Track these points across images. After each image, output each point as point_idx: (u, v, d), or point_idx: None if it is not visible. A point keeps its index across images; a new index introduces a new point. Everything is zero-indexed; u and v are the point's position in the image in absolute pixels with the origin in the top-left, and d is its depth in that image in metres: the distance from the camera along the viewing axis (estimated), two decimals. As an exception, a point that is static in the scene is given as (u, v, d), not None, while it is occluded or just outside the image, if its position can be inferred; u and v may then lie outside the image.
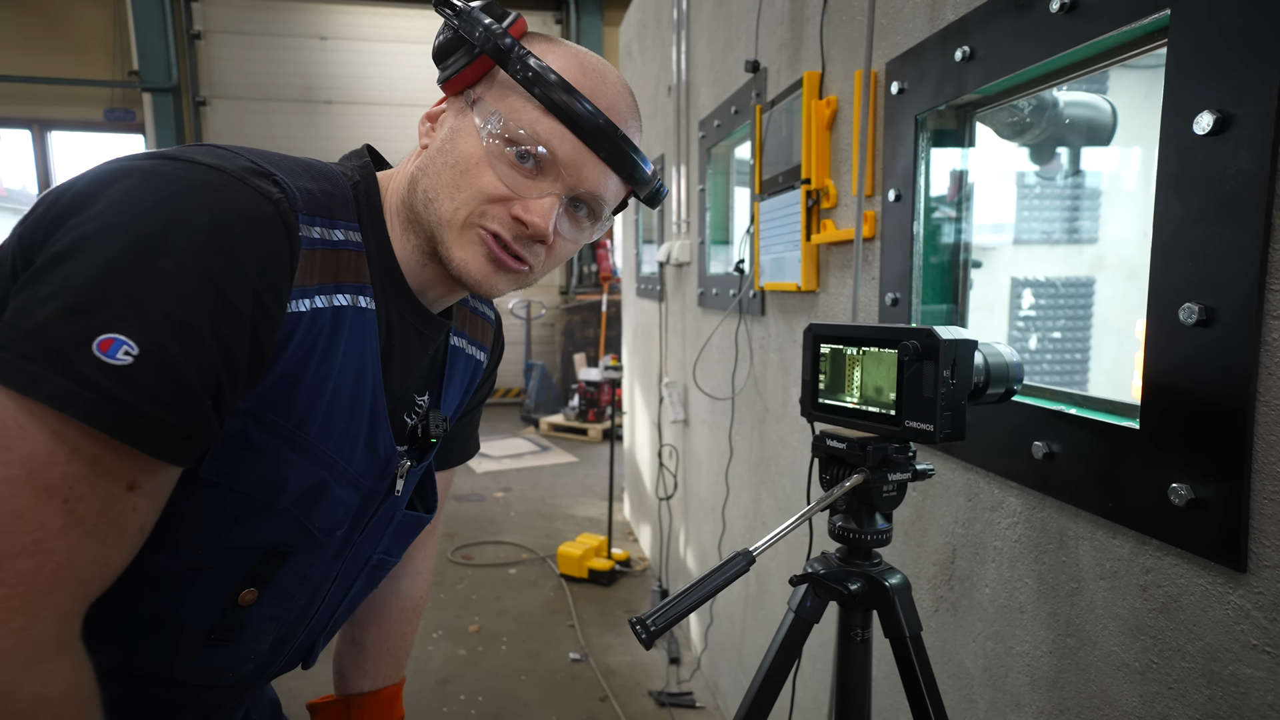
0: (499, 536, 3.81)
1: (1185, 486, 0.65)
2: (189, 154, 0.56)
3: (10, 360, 0.46)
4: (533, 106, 0.63)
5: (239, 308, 0.53)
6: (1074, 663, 0.82)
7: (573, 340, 7.31)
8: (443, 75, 0.68)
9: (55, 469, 0.47)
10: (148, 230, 0.50)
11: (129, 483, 0.50)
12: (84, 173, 0.55)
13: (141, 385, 0.48)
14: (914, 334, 0.67)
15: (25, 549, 0.46)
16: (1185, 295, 0.65)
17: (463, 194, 0.65)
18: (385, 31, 7.32)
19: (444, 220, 0.66)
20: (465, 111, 0.67)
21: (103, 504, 0.49)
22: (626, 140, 0.65)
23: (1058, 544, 0.84)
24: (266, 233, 0.55)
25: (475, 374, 0.89)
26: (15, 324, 0.47)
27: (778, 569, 1.75)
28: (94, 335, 0.46)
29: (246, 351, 0.54)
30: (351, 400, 0.65)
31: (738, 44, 1.95)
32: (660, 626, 0.61)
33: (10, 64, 6.64)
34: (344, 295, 0.64)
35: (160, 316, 0.48)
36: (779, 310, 1.70)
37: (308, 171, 0.65)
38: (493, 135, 0.64)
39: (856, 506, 0.75)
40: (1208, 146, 0.62)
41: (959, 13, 0.98)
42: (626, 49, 3.78)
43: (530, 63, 0.62)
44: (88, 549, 0.49)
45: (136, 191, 0.51)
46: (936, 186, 1.12)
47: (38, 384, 0.46)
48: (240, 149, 0.61)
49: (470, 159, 0.64)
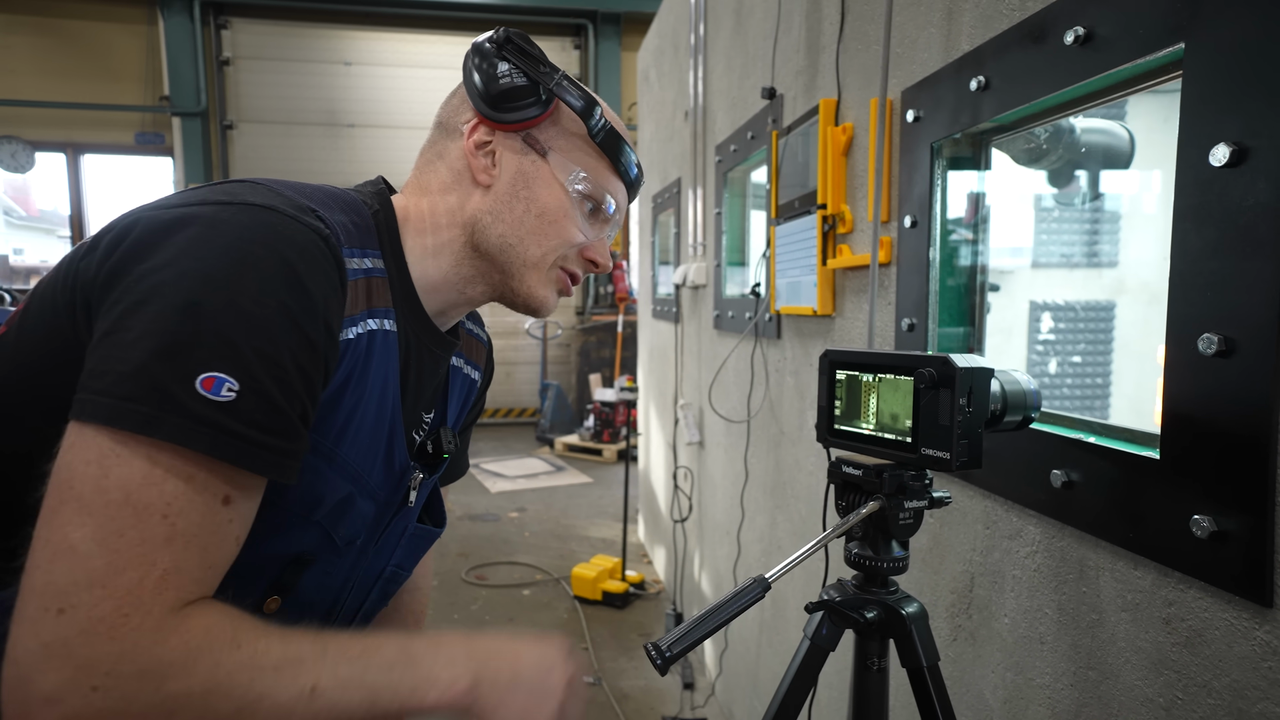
0: (513, 557, 3.81)
1: (1208, 518, 0.65)
2: (240, 195, 0.59)
3: (112, 404, 0.49)
4: (605, 166, 0.74)
5: (313, 339, 0.56)
6: (1096, 696, 0.80)
7: (588, 361, 7.33)
8: (505, 116, 0.70)
9: (152, 489, 0.49)
10: (224, 273, 0.53)
11: (224, 497, 0.53)
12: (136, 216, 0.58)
13: (249, 417, 0.52)
14: (930, 361, 0.68)
15: (130, 563, 0.49)
16: (1204, 326, 0.65)
17: (551, 242, 0.73)
18: (407, 56, 7.48)
19: (530, 263, 0.73)
20: (528, 155, 0.72)
21: (202, 516, 0.52)
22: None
23: (1078, 574, 0.83)
24: (324, 266, 0.59)
25: (470, 392, 0.92)
26: (106, 370, 0.50)
27: (793, 595, 1.73)
28: (196, 375, 0.50)
29: (320, 377, 0.58)
30: (376, 417, 0.68)
31: (754, 70, 1.97)
32: (676, 652, 0.61)
33: (48, 90, 6.86)
34: (374, 320, 0.67)
35: (251, 353, 0.52)
36: (795, 334, 1.70)
37: (336, 202, 0.68)
38: (579, 192, 0.72)
39: (873, 533, 0.75)
40: (1224, 178, 0.63)
41: (974, 43, 0.99)
42: (644, 74, 3.83)
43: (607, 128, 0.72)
44: (192, 556, 0.51)
45: (205, 237, 0.54)
46: (953, 212, 1.12)
47: (155, 424, 0.49)
48: (274, 184, 0.63)
49: (557, 211, 0.72)
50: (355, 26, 7.40)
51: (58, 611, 0.47)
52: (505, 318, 7.63)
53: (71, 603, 0.47)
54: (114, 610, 0.48)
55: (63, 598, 0.47)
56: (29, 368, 0.59)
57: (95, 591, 0.47)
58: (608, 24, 7.68)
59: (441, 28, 7.45)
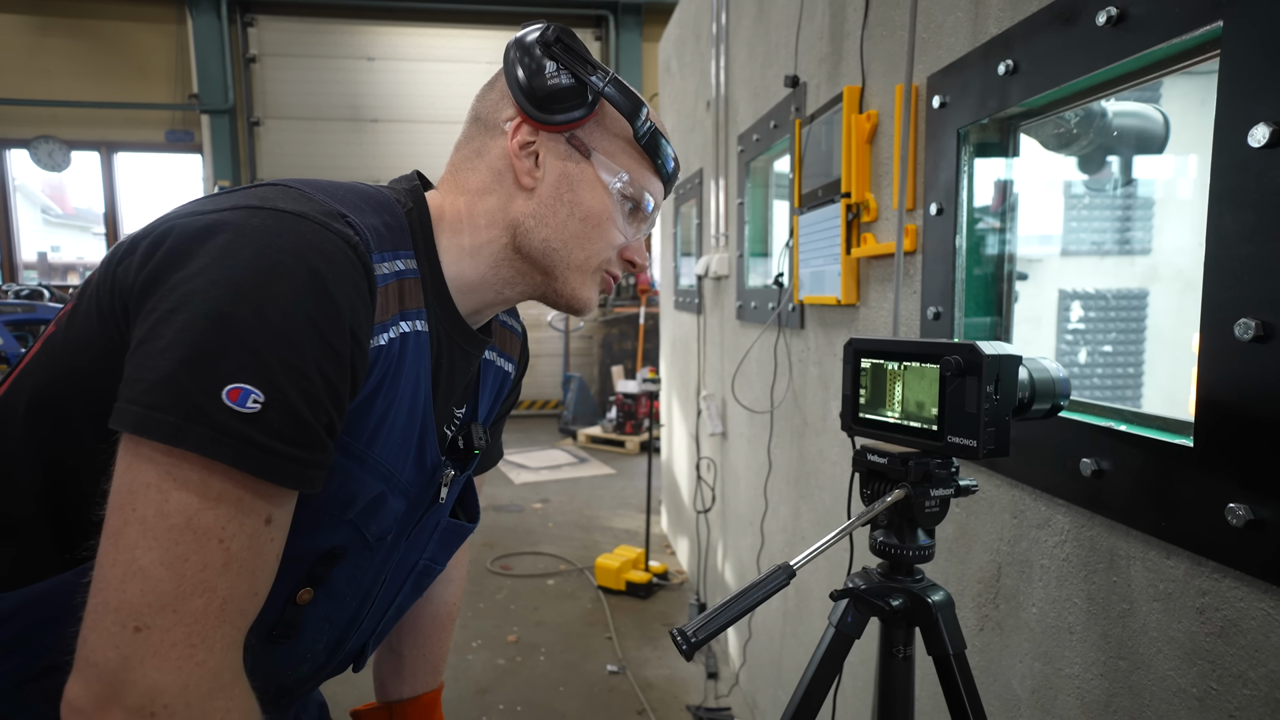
0: (537, 547, 3.84)
1: (1243, 506, 0.63)
2: (271, 200, 0.59)
3: (143, 414, 0.50)
4: (645, 166, 0.73)
5: (339, 349, 0.56)
6: (1127, 686, 0.80)
7: (610, 353, 7.35)
8: (551, 118, 0.69)
9: (208, 513, 0.51)
10: (252, 284, 0.53)
11: (266, 517, 0.54)
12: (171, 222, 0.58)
13: (273, 429, 0.52)
14: (956, 349, 0.67)
15: (195, 589, 0.50)
16: (1241, 310, 0.63)
17: (594, 245, 0.73)
18: (430, 51, 7.52)
19: (575, 266, 0.73)
20: (570, 156, 0.71)
21: (249, 540, 0.53)
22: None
23: (1108, 563, 0.82)
24: (353, 276, 0.58)
25: (504, 384, 0.92)
26: (139, 378, 0.51)
27: (817, 585, 1.73)
28: (222, 386, 0.50)
29: (347, 387, 0.58)
30: (408, 417, 0.69)
31: (777, 59, 1.96)
32: (701, 638, 0.62)
33: (83, 90, 7.03)
34: (406, 322, 0.67)
35: (277, 364, 0.52)
36: (818, 324, 1.69)
37: (369, 204, 0.68)
38: (622, 195, 0.72)
39: (898, 522, 0.75)
40: (1263, 159, 0.61)
41: (1002, 26, 0.97)
42: (665, 65, 3.82)
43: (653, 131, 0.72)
44: (243, 582, 0.53)
45: (236, 245, 0.54)
46: (980, 199, 1.11)
47: (181, 434, 0.50)
48: (309, 187, 0.63)
49: (601, 215, 0.72)
50: (378, 22, 7.45)
51: (135, 629, 0.49)
52: (528, 310, 7.65)
53: (148, 623, 0.49)
54: (184, 639, 0.50)
55: (139, 617, 0.49)
56: (77, 368, 0.61)
57: (168, 615, 0.49)
58: (629, 14, 7.65)
59: (463, 22, 7.48)
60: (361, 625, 0.78)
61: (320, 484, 0.57)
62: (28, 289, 5.76)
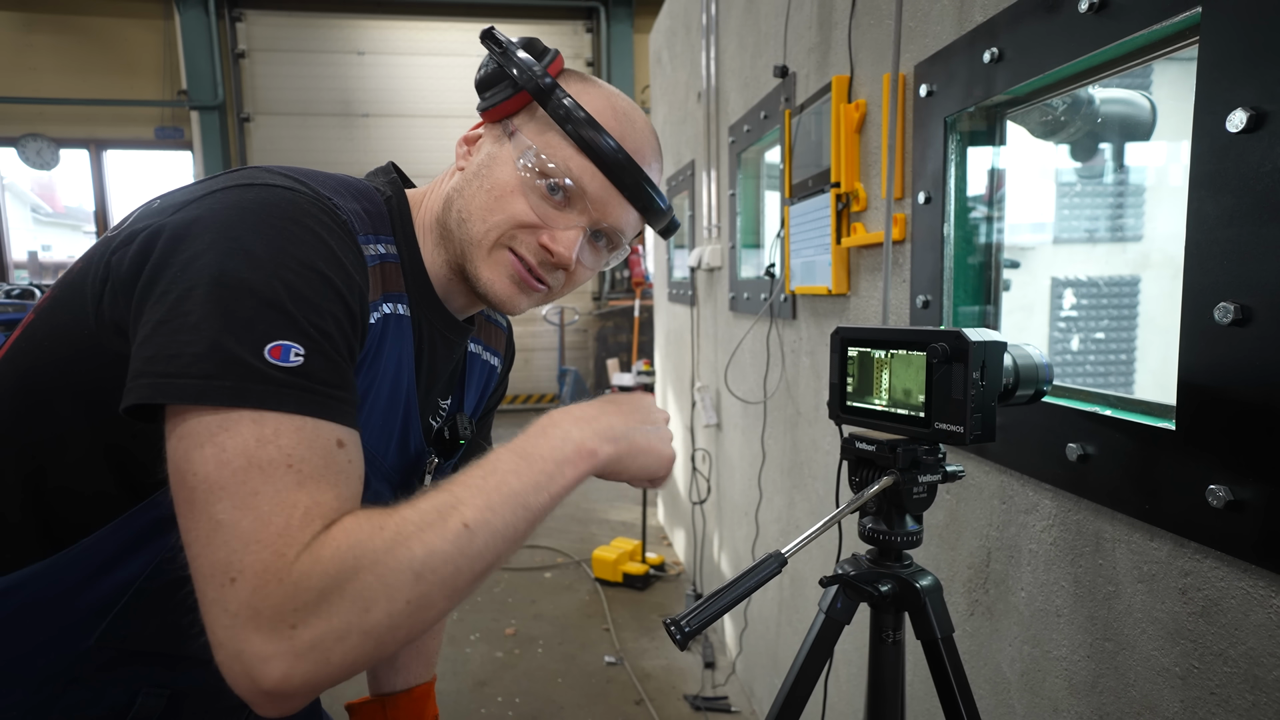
0: (534, 540, 3.85)
1: (1224, 488, 0.64)
2: (260, 178, 0.61)
3: (198, 383, 0.51)
4: (567, 144, 0.69)
5: (352, 307, 0.60)
6: (1112, 667, 0.81)
7: (605, 345, 7.35)
8: (483, 104, 0.73)
9: (269, 447, 0.51)
10: (264, 249, 0.55)
11: (337, 440, 0.55)
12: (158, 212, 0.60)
13: (319, 375, 0.54)
14: (943, 336, 0.68)
15: (272, 513, 0.50)
16: (1220, 294, 0.64)
17: (495, 218, 0.70)
18: (420, 45, 7.47)
19: (474, 240, 0.71)
20: (502, 140, 0.72)
21: (323, 460, 0.53)
22: (649, 180, 0.71)
23: (1094, 546, 0.83)
24: (349, 243, 0.62)
25: (490, 379, 0.94)
26: (178, 353, 0.52)
27: (812, 574, 1.74)
28: (263, 345, 0.52)
29: (359, 342, 0.61)
30: (389, 400, 0.70)
31: (766, 49, 1.96)
32: (694, 627, 0.63)
33: (70, 88, 6.96)
34: (389, 305, 0.69)
35: (304, 320, 0.55)
36: (810, 313, 1.70)
37: (349, 190, 0.69)
38: (528, 167, 0.69)
39: (887, 508, 0.76)
40: (1241, 144, 0.62)
41: (987, 14, 0.98)
42: (656, 56, 3.80)
43: (567, 104, 0.68)
44: (326, 490, 0.53)
45: (237, 219, 0.56)
46: (969, 188, 1.11)
47: (242, 395, 0.51)
48: (290, 170, 0.65)
49: (505, 186, 0.70)
50: (368, 16, 7.40)
51: (230, 581, 0.49)
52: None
53: (238, 568, 0.49)
54: (274, 556, 0.49)
55: (229, 568, 0.49)
56: (58, 355, 0.62)
57: (253, 549, 0.49)
58: (619, 6, 7.61)
59: (453, 15, 7.42)
60: None
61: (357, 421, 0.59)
62: (19, 288, 5.72)
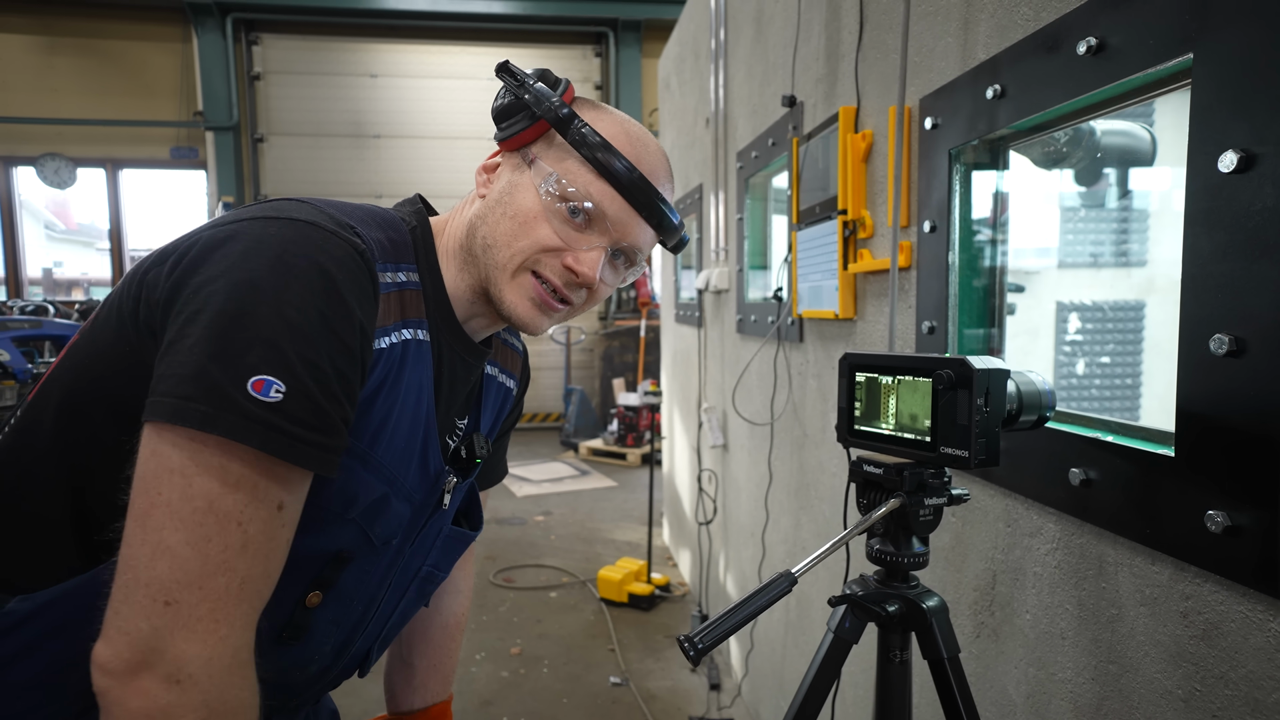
0: (540, 560, 3.86)
1: (1221, 513, 0.66)
2: (286, 211, 0.64)
3: (177, 404, 0.54)
4: (586, 170, 0.72)
5: (349, 344, 0.61)
6: (1116, 690, 0.82)
7: (611, 365, 7.38)
8: (501, 134, 0.76)
9: (228, 498, 0.55)
10: (270, 284, 0.58)
11: (279, 503, 0.58)
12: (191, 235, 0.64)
13: (295, 416, 0.56)
14: (948, 364, 0.70)
15: (218, 568, 0.55)
16: (1215, 326, 0.67)
17: (520, 243, 0.73)
18: (432, 67, 7.60)
19: (500, 265, 0.74)
20: (522, 168, 0.75)
21: (264, 524, 0.57)
22: (664, 200, 0.74)
23: (1097, 570, 0.85)
24: (360, 278, 0.64)
25: (506, 401, 0.96)
26: (170, 374, 0.56)
27: (818, 595, 1.75)
28: (248, 378, 0.55)
29: (358, 379, 0.63)
30: (410, 423, 0.73)
31: (774, 78, 2.00)
32: (707, 644, 0.65)
33: (90, 108, 7.11)
34: (408, 330, 0.71)
35: (295, 357, 0.57)
36: (817, 337, 1.72)
37: (374, 220, 0.73)
38: (550, 193, 0.72)
39: (894, 530, 0.78)
40: (1233, 184, 0.65)
41: (990, 52, 1.01)
42: (665, 81, 3.87)
43: (585, 131, 0.71)
44: (259, 564, 0.57)
45: (253, 251, 0.59)
46: (973, 214, 1.14)
47: (213, 421, 0.54)
48: (318, 202, 0.69)
49: (528, 212, 0.73)
50: (380, 40, 7.54)
51: (165, 603, 0.53)
52: (529, 323, 7.69)
53: (176, 598, 0.53)
54: (209, 614, 0.54)
55: (168, 592, 0.53)
56: (97, 371, 0.65)
57: (195, 591, 0.53)
58: (628, 31, 7.74)
59: (464, 39, 7.56)
60: (367, 629, 0.81)
61: (337, 468, 0.61)
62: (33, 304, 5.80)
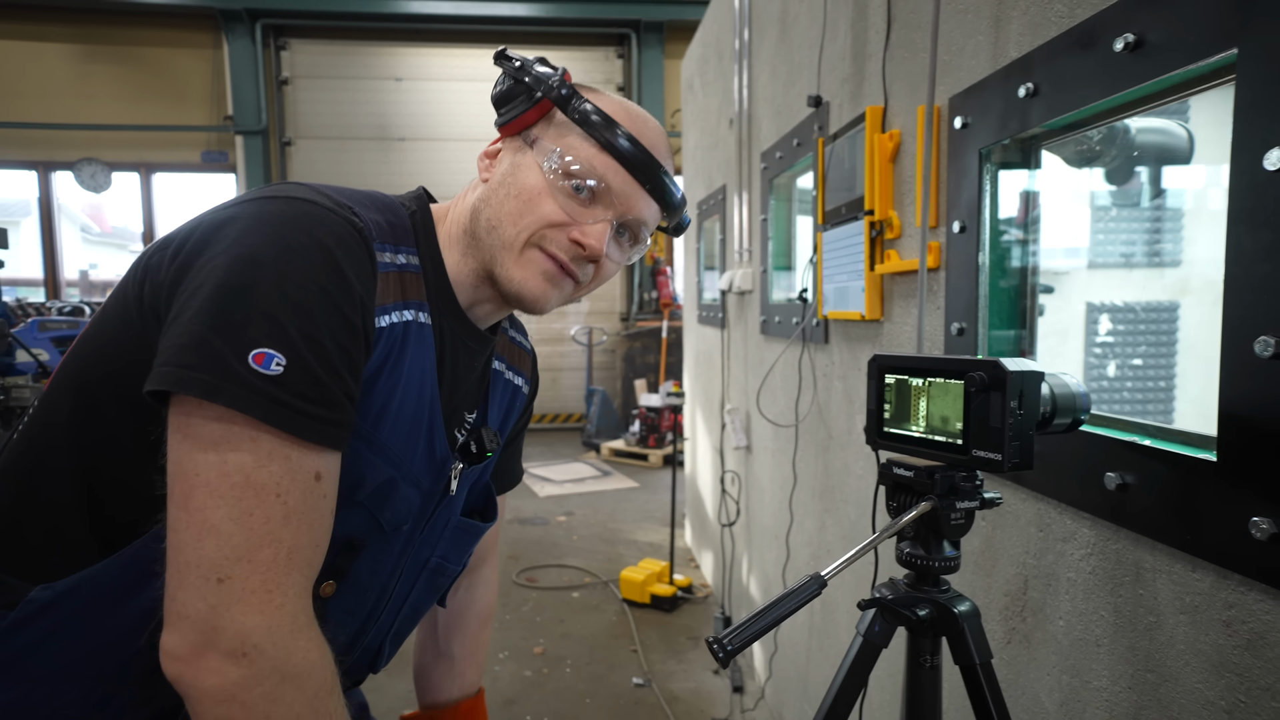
0: (562, 560, 3.87)
1: (1267, 520, 0.65)
2: (284, 191, 0.65)
3: (178, 372, 0.55)
4: (589, 145, 0.73)
5: (351, 319, 0.62)
6: (1155, 699, 0.80)
7: (633, 366, 7.38)
8: (502, 118, 0.77)
9: (262, 471, 0.56)
10: (271, 259, 0.59)
11: (315, 474, 0.59)
12: (196, 220, 0.65)
13: (296, 389, 0.57)
14: (980, 365, 0.69)
15: (264, 540, 0.56)
16: (1260, 328, 0.65)
17: (525, 220, 0.73)
18: (456, 71, 7.68)
19: (506, 243, 0.74)
20: (523, 150, 0.75)
21: (303, 495, 0.58)
22: (667, 174, 0.75)
23: (1134, 577, 0.83)
24: (358, 254, 0.65)
25: (515, 399, 0.96)
26: (172, 344, 0.57)
27: (843, 599, 1.73)
28: (248, 350, 0.56)
29: (362, 355, 0.64)
30: (415, 406, 0.73)
31: (799, 78, 1.99)
32: (737, 646, 0.64)
33: (124, 114, 7.29)
34: (409, 311, 0.72)
35: (295, 332, 0.58)
36: (843, 338, 1.71)
37: (373, 204, 0.74)
38: (553, 170, 0.73)
39: (924, 534, 0.77)
40: (1278, 182, 0.63)
41: (1022, 50, 1.00)
42: (688, 83, 3.87)
43: (587, 107, 0.72)
44: (304, 534, 0.58)
45: (253, 228, 0.61)
46: (1003, 215, 1.13)
47: (216, 391, 0.55)
48: (319, 186, 0.70)
49: (533, 190, 0.73)
50: (405, 43, 7.63)
51: (218, 580, 0.54)
52: (552, 324, 7.73)
53: (228, 573, 0.54)
54: (261, 585, 0.55)
55: (219, 569, 0.54)
56: (105, 356, 0.67)
57: (244, 565, 0.54)
58: (650, 33, 7.74)
59: (487, 41, 7.62)
60: (379, 621, 0.82)
61: (345, 443, 0.62)
62: (70, 305, 5.96)
